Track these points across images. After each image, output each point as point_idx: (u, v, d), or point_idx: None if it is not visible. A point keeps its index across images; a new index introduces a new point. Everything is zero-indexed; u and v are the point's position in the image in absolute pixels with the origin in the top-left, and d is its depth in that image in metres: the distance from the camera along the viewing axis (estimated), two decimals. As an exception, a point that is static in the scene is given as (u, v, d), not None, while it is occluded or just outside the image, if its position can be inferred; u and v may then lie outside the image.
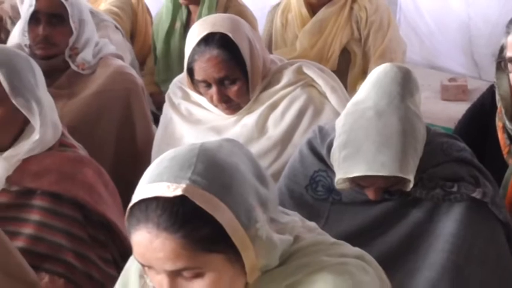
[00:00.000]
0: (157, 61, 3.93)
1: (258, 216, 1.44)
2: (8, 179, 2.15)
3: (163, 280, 1.43)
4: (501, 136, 2.54)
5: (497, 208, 2.14)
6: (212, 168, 1.42)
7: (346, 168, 2.02)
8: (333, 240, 1.60)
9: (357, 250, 1.59)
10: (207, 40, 2.54)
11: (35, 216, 2.14)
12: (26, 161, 2.17)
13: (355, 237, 1.98)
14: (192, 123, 2.75)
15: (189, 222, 1.38)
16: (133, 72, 3.14)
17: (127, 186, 2.45)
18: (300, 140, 2.59)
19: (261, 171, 1.52)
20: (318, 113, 2.65)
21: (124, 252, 2.26)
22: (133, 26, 4.08)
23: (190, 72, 2.61)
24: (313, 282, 1.48)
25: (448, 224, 2.10)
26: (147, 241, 1.39)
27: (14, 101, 2.13)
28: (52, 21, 2.91)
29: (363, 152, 1.98)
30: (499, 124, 2.55)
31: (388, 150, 1.97)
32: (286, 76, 2.67)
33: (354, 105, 2.07)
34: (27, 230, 2.11)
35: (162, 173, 1.42)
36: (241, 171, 1.46)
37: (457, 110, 3.82)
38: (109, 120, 2.98)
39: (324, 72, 2.73)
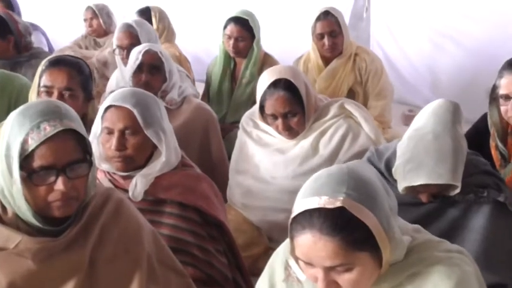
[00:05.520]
0: (211, 97, 3.72)
1: (392, 221, 1.29)
2: (146, 191, 1.96)
3: (318, 273, 1.26)
4: (494, 153, 2.39)
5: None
6: (361, 184, 1.26)
7: (410, 178, 1.85)
8: (438, 238, 1.44)
9: (456, 246, 1.43)
10: (275, 84, 2.42)
11: (168, 220, 1.95)
12: (158, 178, 1.98)
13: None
14: (262, 145, 2.59)
15: (346, 228, 1.22)
16: (209, 107, 2.96)
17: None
18: (343, 157, 2.47)
19: (386, 185, 1.35)
20: (356, 137, 2.51)
21: (230, 245, 2.08)
22: None
23: (261, 108, 2.47)
24: (430, 273, 1.33)
25: (478, 220, 1.95)
26: (311, 243, 1.23)
27: (146, 132, 1.94)
28: (151, 71, 2.77)
29: (424, 166, 1.83)
30: (492, 144, 2.40)
31: (443, 164, 1.82)
32: (332, 110, 2.54)
33: (415, 131, 1.90)
34: (165, 231, 1.92)
35: (320, 188, 1.25)
36: (379, 185, 1.30)
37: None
38: (192, 143, 2.78)
39: (359, 107, 2.58)
